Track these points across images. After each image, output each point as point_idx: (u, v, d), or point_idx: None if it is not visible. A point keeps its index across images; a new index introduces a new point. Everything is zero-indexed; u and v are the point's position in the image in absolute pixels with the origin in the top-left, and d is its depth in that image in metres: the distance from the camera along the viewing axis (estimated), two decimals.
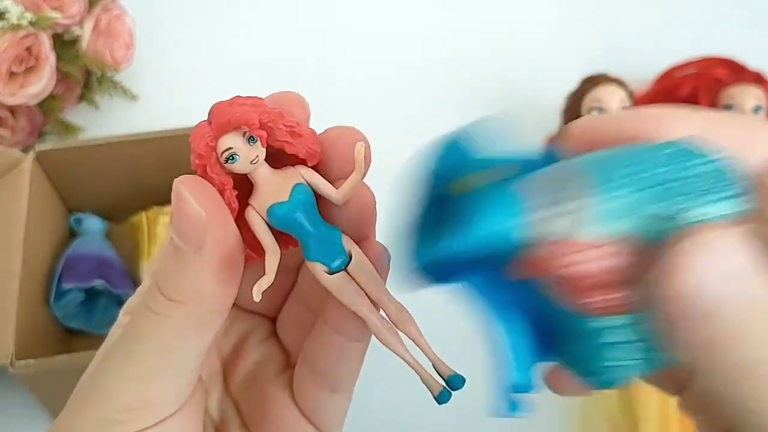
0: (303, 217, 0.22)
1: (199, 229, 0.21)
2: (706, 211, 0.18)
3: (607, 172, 0.19)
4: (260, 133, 0.22)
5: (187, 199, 0.21)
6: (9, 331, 0.45)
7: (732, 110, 0.62)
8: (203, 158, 0.21)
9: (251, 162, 0.22)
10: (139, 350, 0.22)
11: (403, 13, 0.80)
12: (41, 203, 0.53)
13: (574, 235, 0.18)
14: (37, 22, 0.60)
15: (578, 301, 0.19)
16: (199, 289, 0.22)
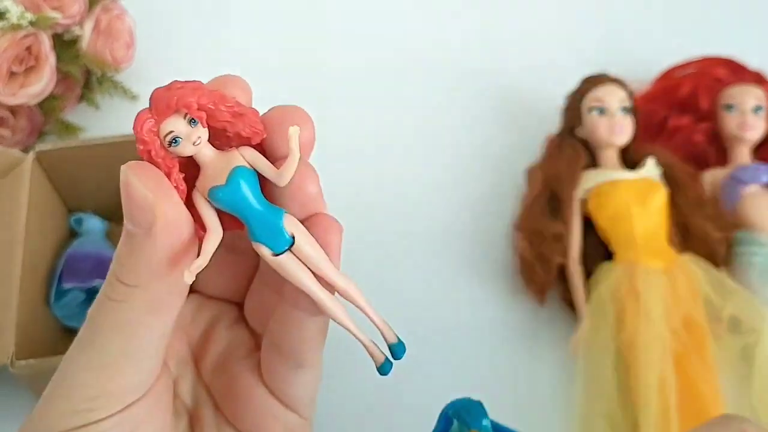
0: (242, 199, 0.23)
1: (147, 212, 0.21)
2: None
3: None
4: (199, 114, 0.22)
5: (133, 183, 0.22)
6: (9, 331, 0.45)
7: (732, 110, 0.62)
8: (147, 144, 0.22)
9: (194, 143, 0.22)
10: (99, 339, 0.23)
11: (402, 13, 0.80)
12: (41, 203, 0.53)
13: None
14: (37, 22, 0.60)
15: None
16: (152, 271, 0.22)
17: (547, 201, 0.60)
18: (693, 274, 0.55)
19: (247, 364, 0.28)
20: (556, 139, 0.63)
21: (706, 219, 0.58)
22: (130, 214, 0.22)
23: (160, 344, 0.24)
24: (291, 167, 0.23)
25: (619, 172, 0.59)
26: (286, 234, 0.23)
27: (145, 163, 0.23)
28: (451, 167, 0.67)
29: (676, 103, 0.67)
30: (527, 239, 0.59)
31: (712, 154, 0.64)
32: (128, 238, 0.22)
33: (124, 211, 0.22)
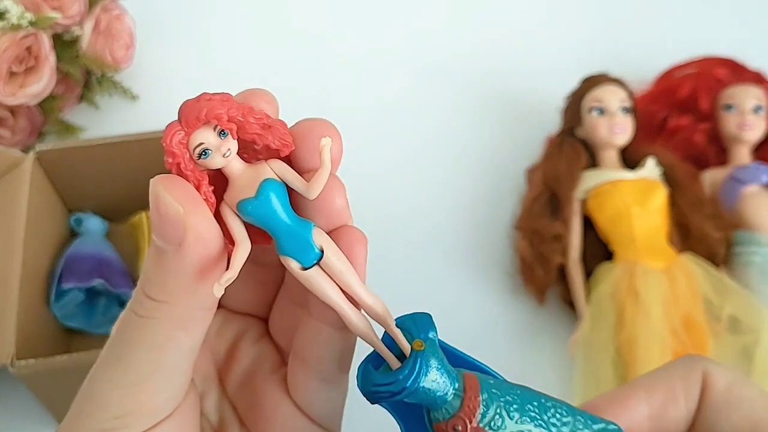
0: (271, 212, 0.22)
1: (178, 226, 0.21)
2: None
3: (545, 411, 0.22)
4: (230, 125, 0.22)
5: (164, 197, 0.21)
6: (9, 331, 0.45)
7: (732, 110, 0.62)
8: (176, 156, 0.22)
9: (224, 155, 0.22)
10: (128, 355, 0.22)
11: (402, 13, 0.80)
12: (41, 203, 0.53)
13: (485, 426, 0.21)
14: (37, 22, 0.60)
15: None
16: (182, 286, 0.22)
17: (547, 201, 0.60)
18: (692, 274, 0.55)
19: (274, 379, 0.27)
20: (556, 140, 0.63)
21: (706, 219, 0.58)
22: (159, 229, 0.21)
23: (189, 361, 0.23)
24: (321, 180, 0.22)
25: (619, 172, 0.59)
26: (315, 247, 0.23)
27: (175, 176, 0.22)
28: (452, 167, 0.67)
29: (676, 103, 0.67)
30: (527, 239, 0.59)
31: (712, 154, 0.64)
32: (157, 253, 0.22)
33: (153, 225, 0.21)
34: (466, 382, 0.22)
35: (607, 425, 0.23)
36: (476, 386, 0.22)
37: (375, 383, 0.22)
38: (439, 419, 0.22)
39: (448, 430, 0.22)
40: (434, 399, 0.22)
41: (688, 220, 0.58)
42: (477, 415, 0.21)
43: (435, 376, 0.22)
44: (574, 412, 0.23)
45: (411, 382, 0.21)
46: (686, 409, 0.24)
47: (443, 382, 0.22)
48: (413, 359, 0.22)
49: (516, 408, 0.22)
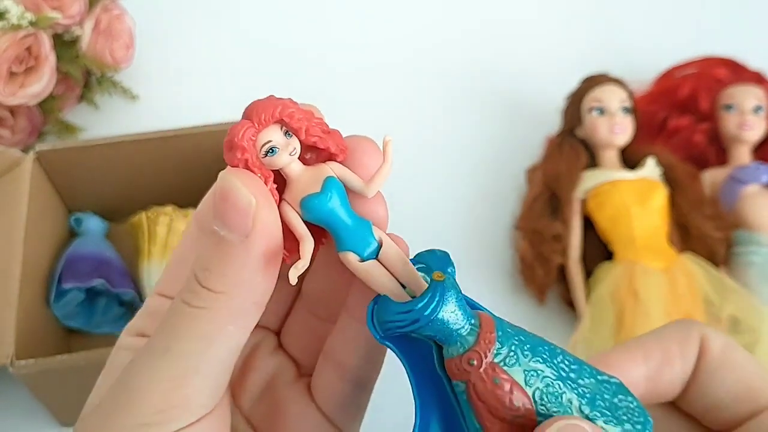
0: (336, 207, 0.23)
1: (248, 217, 0.21)
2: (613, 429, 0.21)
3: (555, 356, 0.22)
4: (299, 125, 0.22)
5: (238, 188, 0.21)
6: (9, 331, 0.45)
7: (732, 110, 0.62)
8: (245, 151, 0.22)
9: (290, 154, 0.22)
10: (177, 346, 0.22)
11: (403, 13, 0.80)
12: (41, 203, 0.53)
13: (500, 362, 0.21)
14: (37, 22, 0.60)
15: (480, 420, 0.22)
16: (244, 278, 0.22)
17: (547, 201, 0.60)
18: (692, 274, 0.55)
19: (296, 389, 0.27)
20: (556, 140, 0.63)
21: (706, 219, 0.58)
22: (227, 218, 0.21)
23: (233, 358, 0.23)
24: (383, 176, 0.23)
25: (619, 172, 0.59)
26: (375, 240, 0.23)
27: (245, 170, 0.22)
28: (452, 168, 0.67)
29: (676, 103, 0.67)
30: (527, 239, 0.59)
31: (712, 154, 0.64)
32: (218, 242, 0.22)
33: (218, 215, 0.21)
34: (482, 320, 0.22)
35: (609, 378, 0.23)
36: (492, 324, 0.22)
37: (392, 312, 0.22)
38: (453, 354, 0.22)
39: (462, 365, 0.22)
40: (450, 333, 0.22)
41: (688, 220, 0.58)
42: (492, 350, 0.21)
43: (453, 308, 0.22)
44: (580, 362, 0.23)
45: (430, 311, 0.21)
46: (682, 371, 0.24)
47: (460, 316, 0.22)
48: (433, 289, 0.22)
49: (529, 348, 0.22)
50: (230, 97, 0.70)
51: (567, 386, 0.22)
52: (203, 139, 0.56)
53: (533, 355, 0.22)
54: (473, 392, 0.22)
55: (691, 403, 0.25)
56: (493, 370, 0.21)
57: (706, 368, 0.24)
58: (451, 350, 0.22)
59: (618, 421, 0.22)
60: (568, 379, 0.22)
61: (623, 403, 0.23)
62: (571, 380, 0.22)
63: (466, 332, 0.22)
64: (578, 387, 0.22)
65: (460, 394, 0.22)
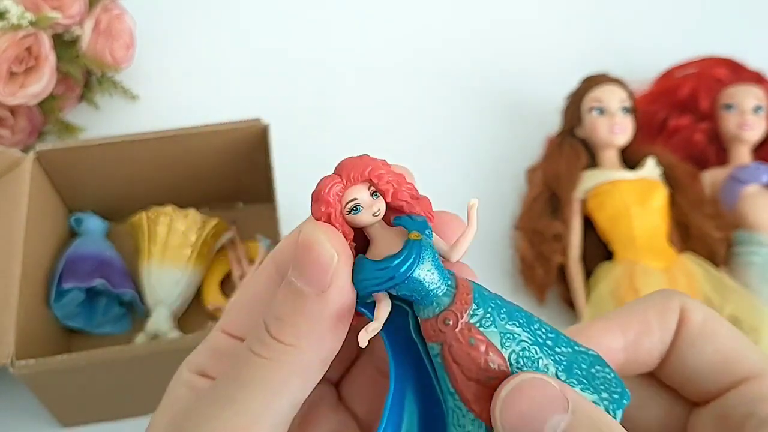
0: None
1: (329, 272, 0.21)
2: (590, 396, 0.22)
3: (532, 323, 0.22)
4: (388, 188, 0.22)
5: (322, 242, 0.21)
6: (9, 331, 0.45)
7: (732, 110, 0.62)
8: (330, 206, 0.22)
9: (373, 214, 0.22)
10: (241, 397, 0.22)
11: (404, 14, 0.80)
12: (41, 203, 0.53)
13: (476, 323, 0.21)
14: (37, 22, 0.60)
15: (454, 382, 0.22)
16: (315, 333, 0.22)
17: (547, 201, 0.60)
18: (693, 274, 0.55)
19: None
20: (556, 140, 0.63)
21: (706, 219, 0.58)
22: (306, 271, 0.21)
23: (294, 412, 0.22)
24: (467, 241, 0.23)
25: (619, 172, 0.59)
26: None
27: (329, 225, 0.22)
28: (452, 168, 0.67)
29: (676, 103, 0.67)
30: (527, 239, 0.59)
31: (712, 154, 0.64)
32: (294, 294, 0.22)
33: (298, 266, 0.22)
34: (458, 282, 0.22)
35: (587, 350, 0.23)
36: (468, 286, 0.22)
37: (369, 269, 0.22)
38: (429, 315, 0.22)
39: (437, 325, 0.22)
40: (426, 292, 0.22)
41: (688, 220, 0.58)
42: (468, 311, 0.22)
43: (429, 267, 0.22)
44: (558, 332, 0.23)
45: (406, 267, 0.21)
46: (660, 341, 0.24)
47: (436, 276, 0.22)
48: (409, 247, 0.22)
49: (505, 312, 0.22)
50: (230, 97, 0.70)
51: (544, 352, 0.22)
52: (203, 139, 0.56)
53: (510, 318, 0.22)
54: (448, 353, 0.22)
55: (670, 374, 0.25)
56: (469, 330, 0.21)
57: (686, 339, 0.24)
58: (426, 311, 0.22)
59: (595, 390, 0.22)
60: (545, 346, 0.22)
61: (600, 373, 0.23)
62: (548, 347, 0.22)
63: (442, 293, 0.22)
64: (555, 354, 0.22)
65: (435, 358, 0.22)
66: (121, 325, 0.55)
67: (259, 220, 0.58)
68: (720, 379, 0.24)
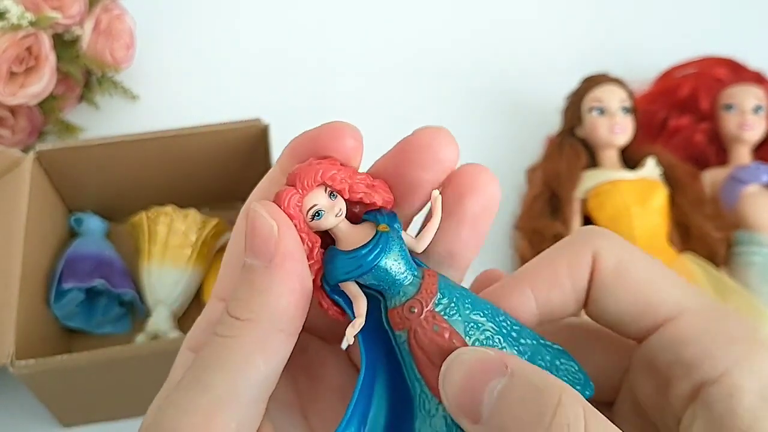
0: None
1: (270, 242, 0.22)
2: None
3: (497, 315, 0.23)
4: (342, 186, 0.23)
5: (261, 215, 0.22)
6: (9, 331, 0.45)
7: (732, 110, 0.62)
8: (293, 218, 0.23)
9: (335, 215, 0.23)
10: (205, 378, 0.22)
11: (404, 14, 0.80)
12: (41, 203, 0.53)
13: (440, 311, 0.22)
14: (37, 22, 0.60)
15: (420, 368, 0.23)
16: (267, 303, 0.22)
17: (547, 201, 0.60)
18: (693, 274, 0.55)
19: None
20: (556, 140, 0.63)
21: (706, 219, 0.58)
22: (251, 246, 0.22)
23: (262, 393, 0.22)
24: (430, 234, 0.24)
25: (619, 172, 0.59)
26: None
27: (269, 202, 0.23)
28: None
29: (676, 103, 0.67)
30: (527, 239, 0.59)
31: (712, 154, 0.64)
32: (246, 272, 0.22)
33: (247, 245, 0.22)
34: (425, 272, 0.23)
35: (552, 344, 0.24)
36: (434, 277, 0.23)
37: (339, 259, 0.23)
38: (396, 304, 0.23)
39: (403, 313, 0.23)
40: (392, 281, 0.23)
41: (688, 220, 0.58)
42: (433, 300, 0.22)
43: (396, 258, 0.23)
44: (523, 326, 0.23)
45: (372, 257, 0.22)
46: (573, 291, 0.23)
47: (403, 266, 0.23)
48: (377, 238, 0.23)
49: (470, 303, 0.23)
50: (230, 97, 0.70)
51: (507, 342, 0.22)
52: (203, 139, 0.56)
53: (474, 309, 0.23)
54: (413, 340, 0.22)
55: (595, 318, 0.24)
56: (434, 318, 0.22)
57: (599, 286, 0.23)
58: (394, 300, 0.23)
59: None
60: (509, 336, 0.23)
61: (564, 366, 0.23)
62: (512, 338, 0.23)
63: (408, 282, 0.23)
64: (519, 345, 0.23)
65: (402, 345, 0.23)
66: (121, 325, 0.55)
67: None
68: (640, 324, 0.23)
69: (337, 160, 0.24)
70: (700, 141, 0.64)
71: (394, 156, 0.25)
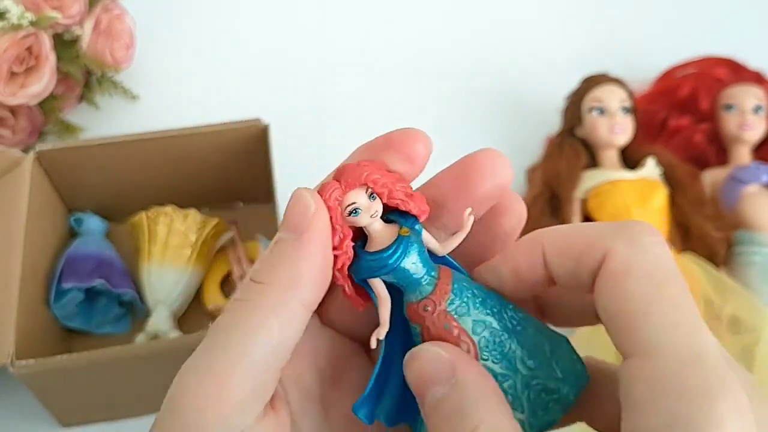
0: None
1: (305, 218, 0.23)
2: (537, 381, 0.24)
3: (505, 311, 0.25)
4: (382, 191, 0.25)
5: (303, 195, 0.24)
6: (9, 331, 0.45)
7: (732, 110, 0.62)
8: (331, 210, 0.24)
9: (371, 216, 0.25)
10: (222, 339, 0.23)
11: (404, 14, 0.80)
12: (41, 203, 0.53)
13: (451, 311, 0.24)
14: (37, 22, 0.60)
15: None
16: (290, 272, 0.23)
17: (547, 201, 0.60)
18: (693, 274, 0.55)
19: None
20: (556, 140, 0.63)
21: (706, 219, 0.58)
22: (288, 220, 0.24)
23: (278, 359, 0.23)
24: (456, 241, 0.26)
25: (619, 172, 0.59)
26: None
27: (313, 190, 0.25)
28: None
29: (676, 103, 0.67)
30: None
31: (712, 154, 0.64)
32: (275, 244, 0.24)
33: (283, 220, 0.24)
34: (441, 273, 0.25)
35: (554, 333, 0.26)
36: (449, 277, 0.25)
37: (365, 259, 0.25)
38: (413, 300, 0.25)
39: (418, 309, 0.25)
40: (411, 281, 0.25)
41: (688, 220, 0.58)
42: (446, 300, 0.25)
43: (414, 260, 0.25)
44: (529, 318, 0.26)
45: (394, 260, 0.24)
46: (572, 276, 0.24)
47: (421, 268, 0.25)
48: (398, 242, 0.25)
49: (480, 302, 0.25)
50: (230, 97, 0.70)
51: (512, 337, 0.24)
52: (203, 139, 0.56)
53: (483, 308, 0.25)
54: (426, 335, 0.24)
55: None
56: (445, 317, 0.24)
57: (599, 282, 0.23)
58: (411, 297, 0.25)
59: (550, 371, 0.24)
60: (514, 331, 0.25)
61: (563, 355, 0.25)
62: (516, 332, 0.25)
63: (426, 282, 0.25)
64: (520, 336, 0.25)
65: (416, 337, 0.25)
66: (121, 325, 0.56)
67: (259, 220, 0.58)
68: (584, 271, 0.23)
69: (385, 165, 0.26)
70: (700, 141, 0.64)
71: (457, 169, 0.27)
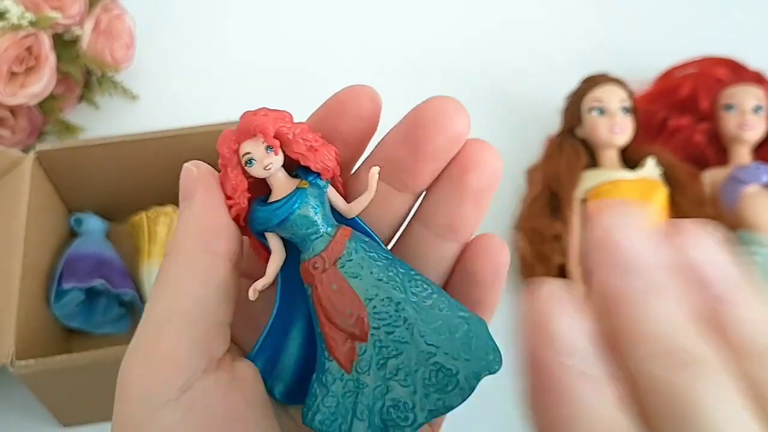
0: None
1: (192, 181, 0.24)
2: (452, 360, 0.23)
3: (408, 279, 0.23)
4: (273, 142, 0.24)
5: (187, 167, 0.25)
6: (9, 331, 0.45)
7: (732, 110, 0.62)
8: (224, 158, 0.24)
9: (264, 168, 0.24)
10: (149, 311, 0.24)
11: (404, 15, 0.80)
12: (41, 203, 0.53)
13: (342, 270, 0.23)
14: (37, 22, 0.60)
15: (320, 324, 0.23)
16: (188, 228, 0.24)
17: (547, 201, 0.60)
18: None
19: None
20: (556, 140, 0.63)
21: (706, 219, 0.58)
22: (180, 191, 0.24)
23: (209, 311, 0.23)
24: (363, 203, 0.25)
25: (619, 172, 0.59)
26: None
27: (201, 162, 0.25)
28: None
29: (676, 103, 0.67)
30: (527, 239, 0.59)
31: (712, 154, 0.64)
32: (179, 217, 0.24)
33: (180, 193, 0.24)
34: (339, 231, 0.24)
35: (472, 315, 0.23)
36: (347, 237, 0.24)
37: (257, 210, 0.24)
38: (305, 258, 0.24)
39: (309, 267, 0.23)
40: (304, 235, 0.24)
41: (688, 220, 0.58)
42: (338, 258, 0.23)
43: (308, 213, 0.24)
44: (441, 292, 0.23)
45: (282, 211, 0.23)
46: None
47: (316, 222, 0.24)
48: (292, 194, 0.24)
49: (379, 267, 0.23)
50: (230, 97, 0.70)
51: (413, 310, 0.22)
52: (203, 139, 0.56)
53: (381, 273, 0.23)
54: (314, 295, 0.23)
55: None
56: (334, 276, 0.23)
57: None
58: (305, 255, 0.24)
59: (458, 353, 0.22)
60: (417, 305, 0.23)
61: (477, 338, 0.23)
62: (419, 306, 0.23)
63: (319, 237, 0.24)
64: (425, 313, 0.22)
65: (309, 299, 0.24)
66: (121, 325, 0.55)
67: None
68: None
69: (290, 117, 0.24)
70: (700, 141, 0.64)
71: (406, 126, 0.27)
